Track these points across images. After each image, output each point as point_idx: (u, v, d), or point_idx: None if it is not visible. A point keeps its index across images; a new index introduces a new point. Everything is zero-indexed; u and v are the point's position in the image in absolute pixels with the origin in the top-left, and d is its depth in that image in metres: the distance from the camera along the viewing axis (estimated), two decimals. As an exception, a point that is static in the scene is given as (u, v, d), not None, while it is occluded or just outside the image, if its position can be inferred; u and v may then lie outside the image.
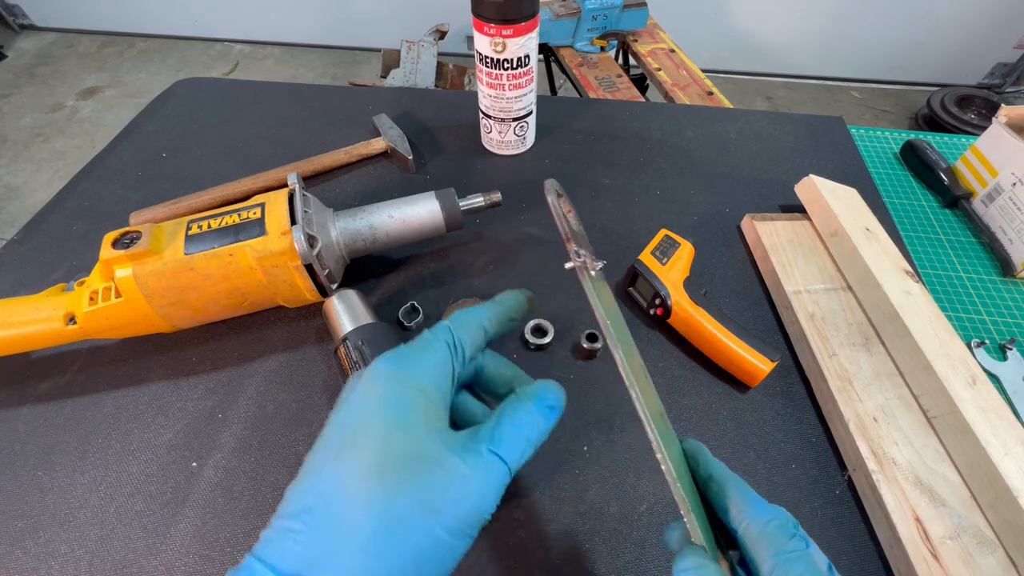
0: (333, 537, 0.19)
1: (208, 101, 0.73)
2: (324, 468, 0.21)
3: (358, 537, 0.19)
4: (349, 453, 0.21)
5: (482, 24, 0.52)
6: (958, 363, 0.39)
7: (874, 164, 0.67)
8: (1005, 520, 0.34)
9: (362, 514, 0.19)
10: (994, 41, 2.07)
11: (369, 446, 0.21)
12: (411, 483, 0.20)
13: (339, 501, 0.20)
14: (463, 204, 0.49)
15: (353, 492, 0.20)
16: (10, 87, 2.30)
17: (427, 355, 0.24)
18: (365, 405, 0.22)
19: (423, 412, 0.22)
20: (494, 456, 0.22)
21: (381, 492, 0.20)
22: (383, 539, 0.19)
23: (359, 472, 0.20)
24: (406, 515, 0.20)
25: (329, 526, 0.19)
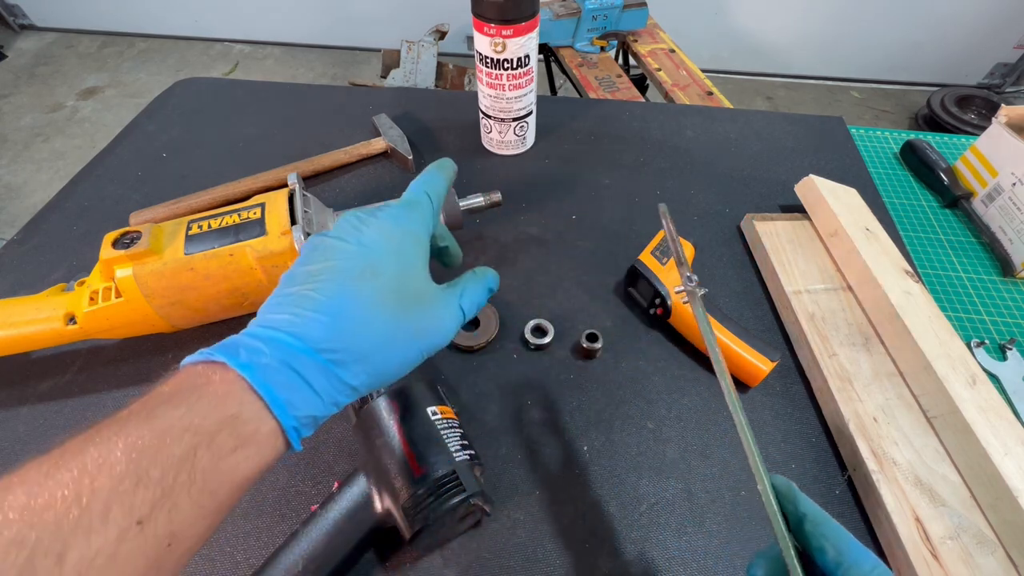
0: (352, 334, 0.24)
1: (208, 101, 0.73)
2: (346, 282, 0.25)
3: (371, 338, 0.25)
4: (370, 278, 0.26)
5: (482, 24, 0.52)
6: (958, 363, 0.39)
7: (874, 164, 0.67)
8: (1005, 520, 0.34)
9: (376, 323, 0.25)
10: (994, 41, 2.07)
11: (385, 277, 0.26)
12: (410, 311, 0.27)
13: (360, 310, 0.25)
14: (463, 204, 0.49)
15: (371, 307, 0.25)
16: (10, 87, 2.30)
17: (417, 210, 0.30)
18: (383, 245, 0.27)
19: (420, 257, 0.29)
20: (459, 308, 0.29)
21: (391, 313, 0.26)
22: (387, 344, 0.25)
23: (378, 295, 0.26)
24: (403, 334, 0.26)
25: (351, 325, 0.24)
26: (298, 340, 0.23)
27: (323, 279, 0.25)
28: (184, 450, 0.20)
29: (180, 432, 0.20)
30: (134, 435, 0.19)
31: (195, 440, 0.20)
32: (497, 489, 0.39)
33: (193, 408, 0.21)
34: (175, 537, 0.19)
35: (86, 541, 0.17)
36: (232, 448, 0.21)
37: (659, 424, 0.42)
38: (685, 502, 0.38)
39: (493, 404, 0.43)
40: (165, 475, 0.19)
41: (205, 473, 0.20)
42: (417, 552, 0.36)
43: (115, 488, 0.18)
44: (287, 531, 0.35)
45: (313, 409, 0.23)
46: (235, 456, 0.21)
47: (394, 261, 0.27)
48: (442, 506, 0.31)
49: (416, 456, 0.33)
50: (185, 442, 0.20)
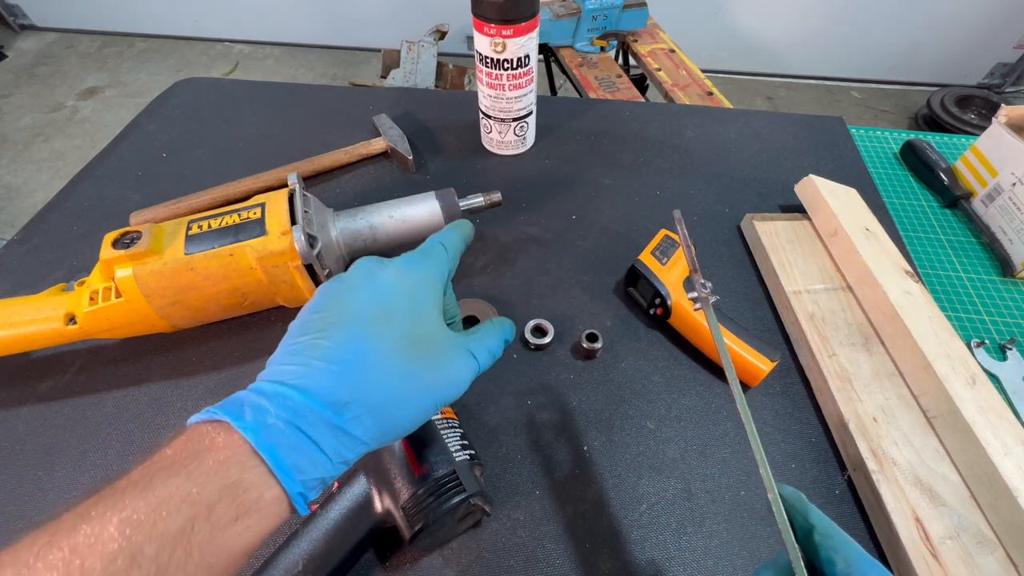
0: (364, 384, 0.23)
1: (208, 101, 0.73)
2: (358, 329, 0.24)
3: (384, 388, 0.24)
4: (383, 325, 0.25)
5: (482, 24, 0.52)
6: (958, 363, 0.39)
7: (874, 164, 0.67)
8: (1005, 520, 0.34)
9: (389, 371, 0.24)
10: (994, 41, 2.07)
11: (400, 322, 0.26)
12: (424, 359, 0.26)
13: (373, 357, 0.24)
14: (463, 204, 0.49)
15: (385, 354, 0.24)
16: (10, 87, 2.30)
17: (434, 258, 0.30)
18: (398, 289, 0.27)
19: (434, 304, 0.28)
20: (473, 358, 0.28)
21: (405, 361, 0.25)
22: (400, 394, 0.24)
23: (391, 341, 0.25)
24: (417, 382, 0.25)
25: (363, 374, 0.23)
26: (306, 394, 0.22)
27: (334, 326, 0.24)
28: (181, 524, 0.19)
29: (178, 503, 0.19)
30: (129, 508, 0.18)
31: (193, 512, 0.19)
32: (497, 489, 0.39)
33: (192, 476, 0.20)
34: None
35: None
36: (232, 518, 0.20)
37: (659, 424, 0.42)
38: (685, 502, 0.38)
39: (493, 404, 0.43)
40: (160, 552, 0.18)
41: (202, 547, 0.19)
42: (417, 552, 0.36)
43: (106, 568, 0.17)
44: (287, 531, 0.35)
45: (321, 472, 0.22)
46: (235, 527, 0.20)
47: (408, 307, 0.26)
48: (442, 506, 0.31)
49: (416, 456, 0.33)
50: (183, 514, 0.19)
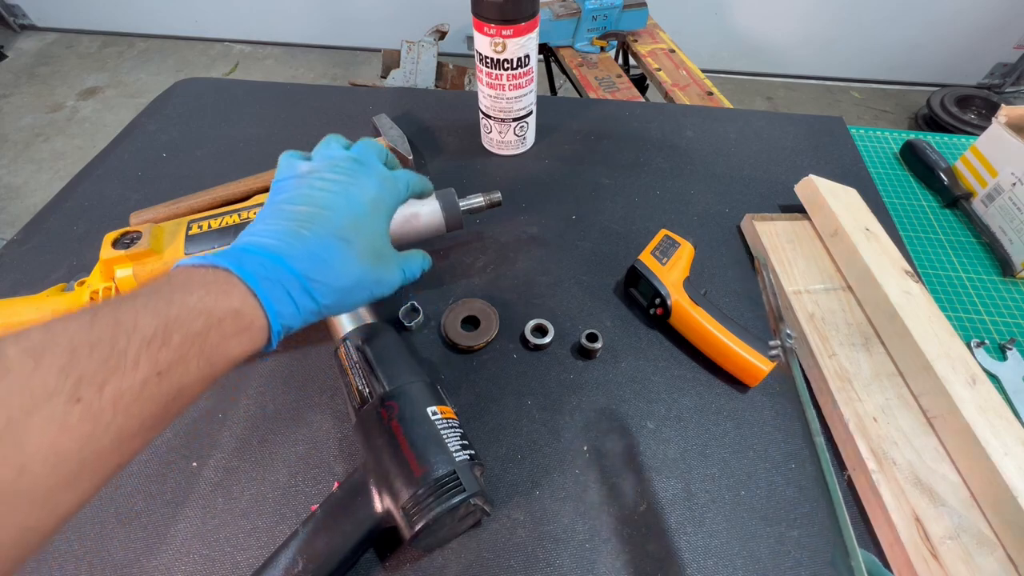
0: (332, 275, 0.30)
1: (208, 101, 0.73)
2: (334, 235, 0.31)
3: (345, 280, 0.31)
4: (353, 237, 0.32)
5: (482, 24, 0.52)
6: (958, 363, 0.39)
7: (874, 164, 0.67)
8: (1005, 520, 0.34)
9: (350, 272, 0.32)
10: (994, 41, 2.07)
11: (364, 237, 0.33)
12: (375, 266, 0.34)
13: (341, 260, 0.31)
14: (463, 204, 0.49)
15: (350, 257, 0.32)
16: (10, 87, 2.30)
17: (396, 187, 0.37)
18: (367, 207, 0.34)
19: (386, 224, 0.36)
20: (402, 272, 0.37)
21: (362, 266, 0.32)
22: (354, 286, 0.32)
23: (356, 251, 0.32)
24: (367, 280, 0.33)
25: (332, 269, 0.30)
26: (289, 266, 0.29)
27: (315, 223, 0.31)
28: (200, 328, 0.25)
29: (197, 314, 0.25)
30: (162, 310, 0.24)
31: (208, 322, 0.25)
32: (497, 489, 0.39)
33: (204, 298, 0.25)
34: (180, 392, 0.24)
35: (120, 379, 0.21)
36: (233, 333, 0.26)
37: (659, 424, 0.42)
38: (685, 502, 0.38)
39: (493, 404, 0.43)
40: (183, 343, 0.24)
41: (211, 348, 0.25)
42: (417, 552, 0.36)
43: (144, 346, 0.22)
44: (287, 531, 0.35)
45: (290, 320, 0.29)
46: (234, 340, 0.26)
47: (371, 224, 0.34)
48: (442, 506, 0.31)
49: (416, 456, 0.33)
50: (200, 322, 0.25)
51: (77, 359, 0.20)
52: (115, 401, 0.21)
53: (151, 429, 0.23)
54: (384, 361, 0.38)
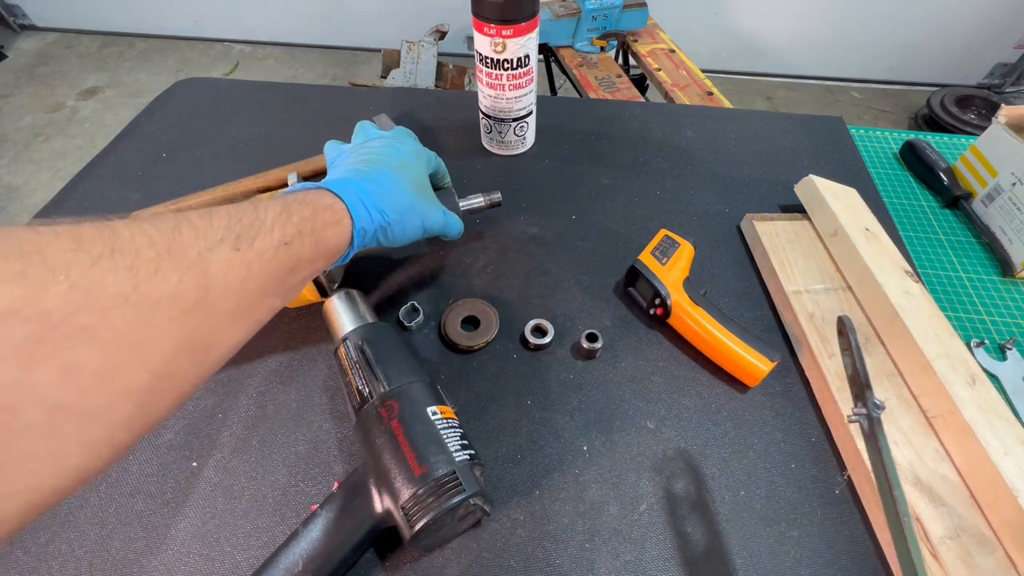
0: (390, 198, 0.38)
1: (208, 101, 0.73)
2: (390, 171, 0.40)
3: (399, 204, 0.39)
4: (403, 171, 0.41)
5: (482, 24, 0.52)
6: (958, 363, 0.39)
7: (874, 164, 0.67)
8: (1005, 520, 0.34)
9: (403, 196, 0.40)
10: (994, 41, 2.07)
11: (412, 173, 0.42)
12: (421, 197, 0.42)
13: (395, 187, 0.39)
14: (463, 204, 0.49)
15: (403, 186, 0.40)
16: (10, 87, 2.30)
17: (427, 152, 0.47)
18: (411, 154, 0.44)
19: (425, 177, 0.45)
20: (443, 214, 0.45)
21: (412, 193, 0.41)
22: (407, 210, 0.40)
23: (406, 181, 0.41)
24: (417, 207, 0.41)
25: (390, 194, 0.39)
26: (361, 188, 0.37)
27: (375, 165, 0.40)
28: (309, 213, 0.31)
29: (306, 204, 0.32)
30: (281, 200, 0.31)
31: (314, 210, 0.32)
32: (497, 489, 0.39)
33: (307, 195, 0.33)
34: (298, 264, 0.30)
35: (263, 240, 0.27)
36: (331, 223, 0.33)
37: (659, 424, 0.42)
38: (685, 502, 0.38)
39: (493, 404, 0.43)
40: (301, 222, 0.30)
41: (317, 230, 0.32)
42: (417, 552, 0.36)
43: (275, 219, 0.29)
44: (287, 531, 0.35)
45: (367, 223, 0.36)
46: (331, 229, 0.33)
47: (415, 166, 0.43)
48: (442, 506, 0.31)
49: (416, 456, 0.33)
50: (309, 210, 0.32)
51: (234, 221, 0.27)
52: (260, 255, 0.27)
53: (276, 295, 0.29)
54: (384, 361, 0.38)
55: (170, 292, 0.22)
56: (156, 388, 0.22)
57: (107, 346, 0.20)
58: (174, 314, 0.22)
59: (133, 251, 0.22)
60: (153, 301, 0.21)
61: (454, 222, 0.46)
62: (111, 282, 0.20)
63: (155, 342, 0.22)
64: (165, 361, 0.22)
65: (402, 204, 0.39)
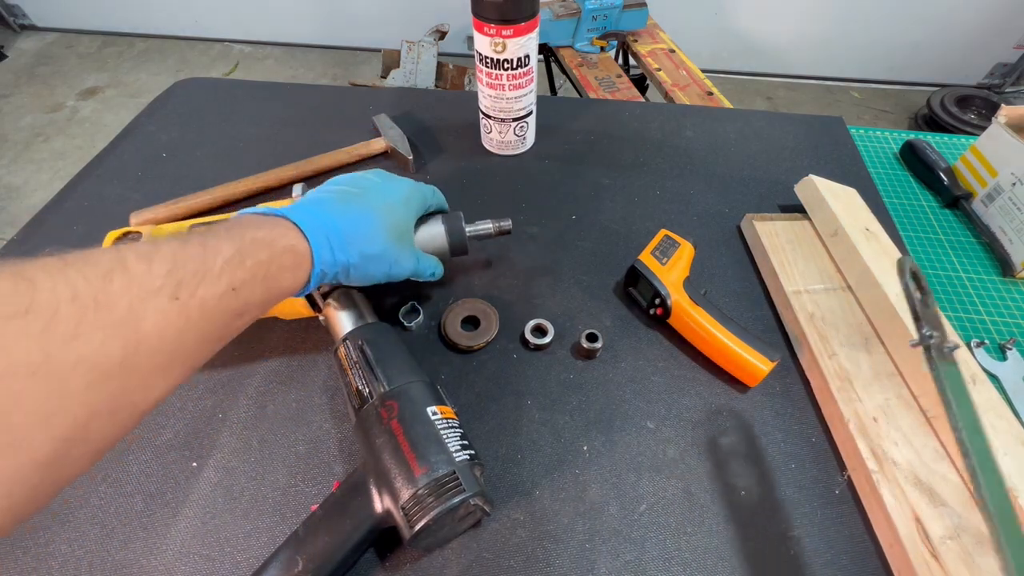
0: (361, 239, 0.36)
1: (208, 101, 0.73)
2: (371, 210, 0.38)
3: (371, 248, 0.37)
4: (386, 215, 0.39)
5: (482, 24, 0.52)
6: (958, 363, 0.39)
7: (874, 164, 0.67)
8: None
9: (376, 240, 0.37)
10: (994, 41, 2.07)
11: (395, 218, 0.40)
12: (397, 245, 0.39)
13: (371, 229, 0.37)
14: (470, 230, 0.47)
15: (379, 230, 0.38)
16: (10, 87, 2.30)
17: (423, 192, 0.45)
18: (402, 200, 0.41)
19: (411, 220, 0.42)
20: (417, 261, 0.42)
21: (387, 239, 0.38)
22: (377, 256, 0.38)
23: (385, 228, 0.38)
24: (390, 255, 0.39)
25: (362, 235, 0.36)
26: (333, 224, 0.35)
27: (357, 200, 0.38)
28: (265, 257, 0.30)
29: (264, 245, 0.30)
30: (237, 239, 0.29)
31: (272, 253, 0.30)
32: (497, 489, 0.39)
33: (269, 234, 0.31)
34: (245, 309, 0.29)
35: (207, 288, 0.26)
36: (289, 267, 0.32)
37: (659, 424, 0.42)
38: (685, 502, 0.38)
39: (493, 404, 0.43)
40: (253, 266, 0.29)
41: (272, 275, 0.30)
42: (417, 552, 0.36)
43: (225, 264, 0.27)
44: (287, 531, 0.35)
45: (327, 267, 0.34)
46: (288, 273, 0.31)
47: (401, 211, 0.41)
48: (442, 506, 0.31)
49: (416, 456, 0.33)
50: (266, 252, 0.30)
51: (177, 267, 0.25)
52: (202, 305, 0.25)
53: (217, 340, 0.28)
54: (384, 361, 0.38)
55: (91, 354, 0.20)
56: (67, 455, 0.20)
57: (10, 419, 0.18)
58: (94, 378, 0.20)
59: (51, 309, 0.20)
60: (70, 366, 0.20)
61: (426, 267, 0.43)
62: (20, 349, 0.18)
63: (68, 411, 0.20)
64: (79, 427, 0.20)
65: (372, 249, 0.37)
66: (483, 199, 0.59)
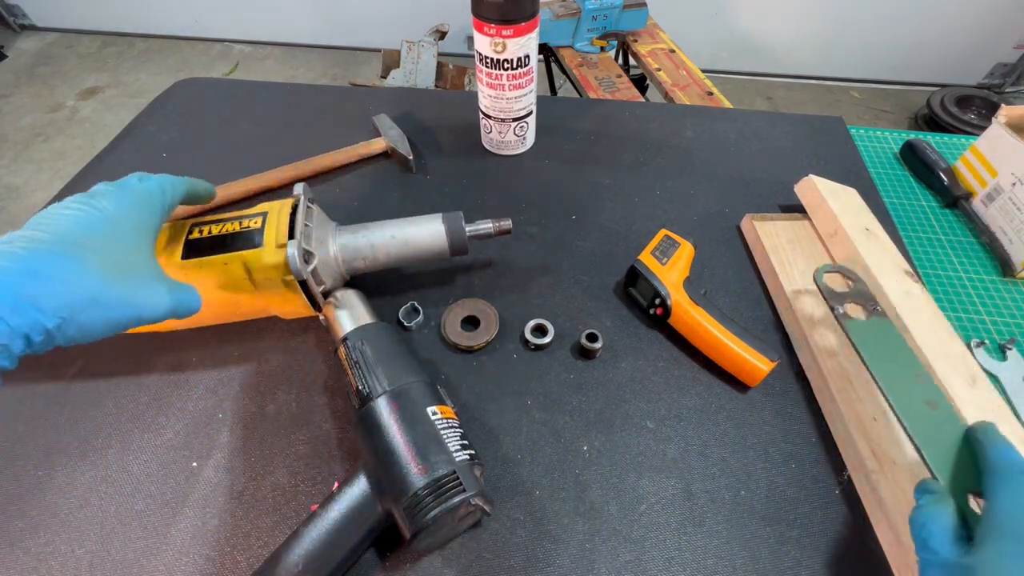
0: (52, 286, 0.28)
1: (208, 101, 0.73)
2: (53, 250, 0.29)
3: (76, 295, 0.28)
4: (86, 250, 0.30)
5: (482, 24, 0.52)
6: (958, 363, 0.39)
7: (874, 164, 0.67)
8: (1005, 520, 0.34)
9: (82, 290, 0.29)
10: (994, 41, 2.07)
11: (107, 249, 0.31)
12: (126, 282, 0.31)
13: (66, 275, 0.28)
14: (469, 230, 0.47)
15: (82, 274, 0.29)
16: (10, 87, 2.30)
17: (149, 198, 0.36)
18: (112, 220, 0.32)
19: (140, 239, 0.34)
20: (168, 294, 0.34)
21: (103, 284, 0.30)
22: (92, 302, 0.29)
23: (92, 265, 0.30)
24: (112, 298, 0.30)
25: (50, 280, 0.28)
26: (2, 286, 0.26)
27: (35, 241, 0.29)
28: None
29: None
30: None
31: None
32: (497, 489, 0.39)
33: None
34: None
35: None
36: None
37: (659, 424, 0.42)
38: (685, 502, 0.38)
39: (493, 404, 0.43)
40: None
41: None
42: (417, 552, 0.36)
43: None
44: (287, 531, 0.35)
45: (8, 339, 0.27)
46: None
47: (115, 237, 0.32)
48: (442, 506, 0.31)
49: (416, 456, 0.33)
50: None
51: None
52: None
53: None
54: (384, 361, 0.38)
55: None
56: None
57: None
58: None
59: None
60: None
61: (187, 303, 0.35)
62: None
63: None
64: None
65: (76, 297, 0.28)
66: (483, 199, 0.59)
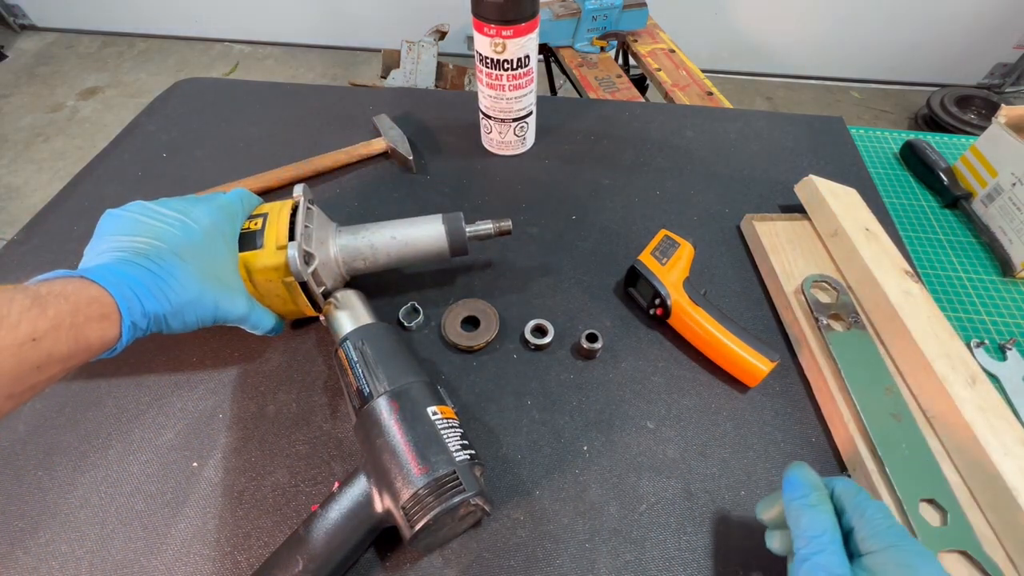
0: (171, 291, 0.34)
1: (208, 101, 0.73)
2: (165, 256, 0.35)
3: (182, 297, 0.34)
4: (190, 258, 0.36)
5: (482, 24, 0.52)
6: (958, 363, 0.39)
7: (874, 164, 0.67)
8: (1005, 520, 0.34)
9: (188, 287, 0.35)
10: (994, 41, 2.07)
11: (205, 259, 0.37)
12: (220, 289, 0.37)
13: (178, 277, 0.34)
14: (470, 231, 0.47)
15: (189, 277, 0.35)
16: (10, 87, 2.29)
17: (232, 210, 0.41)
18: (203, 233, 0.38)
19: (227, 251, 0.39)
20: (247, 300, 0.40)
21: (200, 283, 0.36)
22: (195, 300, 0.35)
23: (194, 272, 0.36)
24: (209, 299, 0.36)
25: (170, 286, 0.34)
26: (132, 278, 0.32)
27: (153, 252, 0.35)
28: (69, 306, 0.28)
29: (64, 297, 0.28)
30: (33, 292, 0.27)
31: (76, 304, 0.29)
32: (497, 489, 0.39)
33: (67, 287, 0.29)
34: (48, 361, 0.27)
35: (3, 336, 0.25)
36: (96, 318, 0.30)
37: (659, 424, 0.42)
38: (685, 502, 0.38)
39: (493, 404, 0.43)
40: (58, 316, 0.27)
41: (78, 325, 0.28)
42: (417, 552, 0.36)
43: (23, 313, 0.26)
44: (287, 531, 0.35)
45: (139, 318, 0.32)
46: (96, 324, 0.30)
47: (209, 249, 0.37)
48: (442, 506, 0.31)
49: (416, 456, 0.33)
50: (69, 303, 0.28)
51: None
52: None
53: (10, 397, 0.27)
54: (384, 361, 0.38)
55: None
56: None
57: None
58: None
59: None
60: None
61: (260, 319, 0.41)
62: None
63: None
64: None
65: (185, 296, 0.34)
66: (483, 199, 0.59)
